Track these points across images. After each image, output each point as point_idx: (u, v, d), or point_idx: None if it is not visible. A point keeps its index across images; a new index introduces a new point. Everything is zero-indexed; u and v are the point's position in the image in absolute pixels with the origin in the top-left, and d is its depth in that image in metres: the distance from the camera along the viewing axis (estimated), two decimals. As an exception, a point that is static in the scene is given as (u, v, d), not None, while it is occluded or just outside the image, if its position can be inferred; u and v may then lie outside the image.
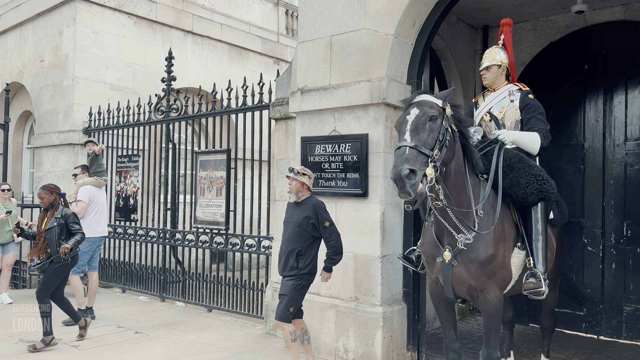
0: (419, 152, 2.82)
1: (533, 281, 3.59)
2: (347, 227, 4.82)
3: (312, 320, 4.98)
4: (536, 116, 4.05)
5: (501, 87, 4.23)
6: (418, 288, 4.87)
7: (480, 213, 3.47)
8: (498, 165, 3.70)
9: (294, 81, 5.55)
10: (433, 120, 2.98)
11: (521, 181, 3.70)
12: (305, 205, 4.29)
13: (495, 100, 4.19)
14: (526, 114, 4.07)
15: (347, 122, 4.87)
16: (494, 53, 4.19)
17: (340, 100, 4.86)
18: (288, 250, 4.27)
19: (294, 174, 4.26)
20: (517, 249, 3.70)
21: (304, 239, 4.24)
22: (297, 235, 4.24)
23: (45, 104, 9.72)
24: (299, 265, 4.22)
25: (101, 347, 5.23)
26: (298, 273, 4.21)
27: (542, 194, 3.69)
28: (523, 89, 4.16)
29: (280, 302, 4.22)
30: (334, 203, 4.91)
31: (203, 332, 5.81)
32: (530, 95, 4.11)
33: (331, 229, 4.24)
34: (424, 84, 4.98)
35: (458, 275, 3.49)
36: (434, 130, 2.94)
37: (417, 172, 2.75)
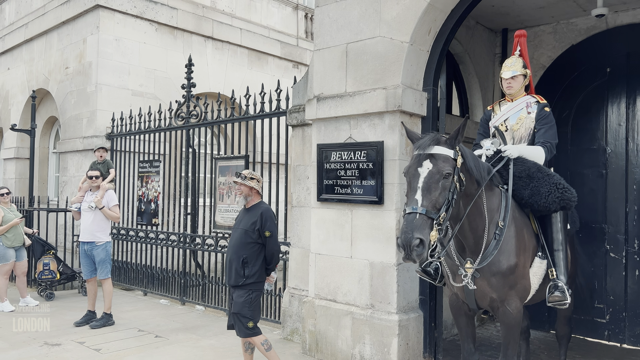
0: (429, 218, 2.79)
1: (558, 295, 3.60)
2: (363, 234, 4.83)
3: (329, 326, 5.01)
4: (546, 129, 4.05)
5: (519, 97, 4.21)
6: (435, 296, 4.85)
7: (501, 225, 3.46)
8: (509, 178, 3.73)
9: (310, 88, 5.59)
10: (446, 178, 2.92)
11: (542, 190, 3.69)
12: (253, 211, 4.23)
13: (513, 111, 4.18)
14: (538, 125, 4.08)
15: (363, 129, 4.88)
16: (518, 63, 4.16)
17: (355, 107, 4.87)
18: (233, 257, 4.18)
19: (241, 178, 4.21)
20: (537, 259, 3.68)
21: (249, 246, 4.15)
22: (243, 242, 4.15)
23: (69, 110, 9.96)
24: (245, 274, 4.12)
25: (122, 350, 5.34)
26: (245, 283, 4.11)
27: (564, 202, 3.67)
28: (540, 101, 4.15)
29: (237, 321, 4.13)
30: (350, 210, 4.92)
31: (222, 336, 5.88)
32: (546, 108, 4.10)
33: (272, 240, 4.19)
34: (440, 90, 4.96)
35: (481, 288, 3.48)
36: (445, 189, 2.89)
37: (425, 241, 2.73)
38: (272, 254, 4.25)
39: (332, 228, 5.06)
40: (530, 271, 3.68)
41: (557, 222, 3.81)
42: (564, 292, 3.59)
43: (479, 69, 6.82)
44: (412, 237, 2.71)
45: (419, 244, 2.71)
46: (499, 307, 3.48)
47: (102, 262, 6.32)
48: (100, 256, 6.32)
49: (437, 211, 2.81)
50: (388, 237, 4.65)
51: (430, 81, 4.85)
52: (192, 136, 7.69)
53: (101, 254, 6.33)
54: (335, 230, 5.04)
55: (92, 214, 6.35)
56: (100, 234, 6.36)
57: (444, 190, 2.87)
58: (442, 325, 4.98)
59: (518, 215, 3.69)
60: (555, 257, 3.74)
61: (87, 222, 6.36)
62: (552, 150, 4.04)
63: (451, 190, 2.89)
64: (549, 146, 4.00)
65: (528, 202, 3.73)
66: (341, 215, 4.98)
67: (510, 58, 4.28)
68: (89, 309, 6.44)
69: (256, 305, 4.20)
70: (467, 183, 3.19)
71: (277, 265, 4.37)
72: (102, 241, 6.35)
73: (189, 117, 7.51)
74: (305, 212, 5.66)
